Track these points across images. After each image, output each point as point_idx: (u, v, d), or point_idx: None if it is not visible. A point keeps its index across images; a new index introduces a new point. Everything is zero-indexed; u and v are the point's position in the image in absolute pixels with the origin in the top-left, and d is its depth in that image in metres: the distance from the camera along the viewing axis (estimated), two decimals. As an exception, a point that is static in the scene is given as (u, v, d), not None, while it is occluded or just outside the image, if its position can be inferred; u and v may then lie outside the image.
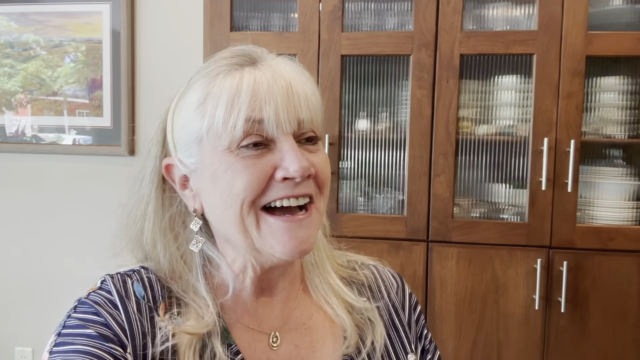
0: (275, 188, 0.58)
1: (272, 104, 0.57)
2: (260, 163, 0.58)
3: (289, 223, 0.59)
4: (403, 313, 0.75)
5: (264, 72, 0.59)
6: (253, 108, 0.57)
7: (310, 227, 0.60)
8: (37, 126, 2.21)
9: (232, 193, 0.58)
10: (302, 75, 0.62)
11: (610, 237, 1.59)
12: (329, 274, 0.71)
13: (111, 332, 0.57)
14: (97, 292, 0.61)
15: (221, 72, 0.60)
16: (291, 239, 0.59)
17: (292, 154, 0.57)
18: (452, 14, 1.62)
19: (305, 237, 0.60)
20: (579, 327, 1.62)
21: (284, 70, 0.60)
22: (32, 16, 2.17)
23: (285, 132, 0.58)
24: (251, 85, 0.58)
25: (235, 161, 0.58)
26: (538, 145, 1.60)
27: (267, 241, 0.59)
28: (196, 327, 0.60)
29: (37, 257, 2.26)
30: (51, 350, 0.56)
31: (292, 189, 0.58)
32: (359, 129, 1.77)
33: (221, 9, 1.72)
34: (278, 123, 0.58)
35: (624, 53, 1.58)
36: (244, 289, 0.66)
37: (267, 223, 0.59)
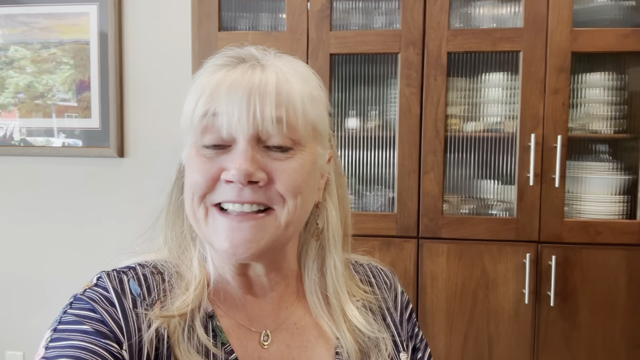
0: (221, 189, 0.58)
1: (226, 100, 0.57)
2: (212, 163, 0.58)
3: (229, 221, 0.58)
4: (395, 312, 0.75)
5: (235, 72, 0.58)
6: (210, 103, 0.57)
7: (255, 232, 0.58)
8: (26, 129, 2.19)
9: (187, 186, 0.61)
10: (302, 80, 0.60)
11: (598, 231, 1.61)
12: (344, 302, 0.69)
13: (107, 329, 0.57)
14: (93, 288, 0.61)
15: (204, 73, 0.61)
16: (226, 238, 0.58)
17: (237, 157, 0.56)
18: (439, 12, 1.63)
19: (242, 239, 0.57)
20: (568, 320, 1.64)
21: (280, 70, 0.59)
22: (18, 18, 2.15)
23: (244, 134, 0.56)
24: (215, 84, 0.58)
25: (195, 157, 0.60)
26: (525, 142, 1.61)
27: (210, 235, 0.60)
28: (180, 307, 0.60)
29: (27, 260, 2.25)
30: (47, 346, 0.56)
31: (237, 194, 0.57)
32: (349, 128, 1.78)
33: (209, 8, 1.72)
34: (231, 119, 0.56)
35: (609, 49, 1.60)
36: (229, 285, 0.66)
37: (213, 217, 0.60)
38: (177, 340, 0.59)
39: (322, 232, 0.69)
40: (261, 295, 0.67)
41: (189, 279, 0.63)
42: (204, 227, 0.60)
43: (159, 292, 0.63)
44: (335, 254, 0.68)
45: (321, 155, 0.64)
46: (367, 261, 0.80)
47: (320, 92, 0.64)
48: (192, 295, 0.61)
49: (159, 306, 0.61)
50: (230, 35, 1.73)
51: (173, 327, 0.60)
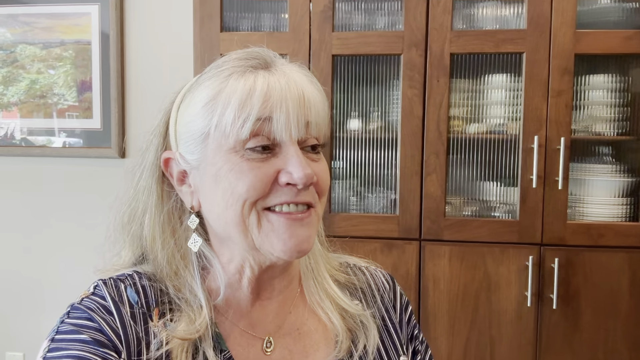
0: (277, 192, 0.59)
1: (283, 108, 0.58)
2: (265, 166, 0.58)
3: (291, 221, 0.59)
4: (395, 315, 0.75)
5: (278, 77, 0.59)
6: (264, 109, 0.57)
7: (310, 226, 0.61)
8: (27, 129, 2.19)
9: (234, 193, 0.58)
10: (313, 85, 0.62)
11: (601, 234, 1.61)
12: (324, 279, 0.71)
13: (105, 338, 0.57)
14: (91, 297, 0.60)
15: (235, 73, 0.60)
16: (292, 237, 0.59)
17: (297, 161, 0.58)
18: (442, 14, 1.62)
19: (305, 236, 0.60)
20: (570, 323, 1.63)
21: (297, 77, 0.61)
22: (20, 18, 2.15)
23: (292, 138, 0.59)
24: (265, 88, 0.58)
25: (240, 162, 0.58)
26: (528, 143, 1.61)
27: (268, 239, 0.59)
28: (188, 331, 0.59)
29: (27, 261, 2.24)
30: (45, 356, 0.56)
31: (294, 196, 0.59)
32: (351, 129, 1.77)
33: (211, 9, 1.71)
34: (287, 127, 0.58)
35: (612, 51, 1.59)
36: (240, 290, 0.65)
37: (269, 220, 0.59)
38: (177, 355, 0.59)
39: None
40: (267, 299, 0.67)
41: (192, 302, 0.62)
42: (257, 235, 0.59)
43: (157, 300, 0.62)
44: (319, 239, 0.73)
45: None
46: (366, 264, 0.80)
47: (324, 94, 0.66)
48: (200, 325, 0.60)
49: (157, 315, 0.61)
50: (232, 36, 1.72)
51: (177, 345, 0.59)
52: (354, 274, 0.76)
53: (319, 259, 0.72)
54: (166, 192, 0.65)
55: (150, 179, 0.65)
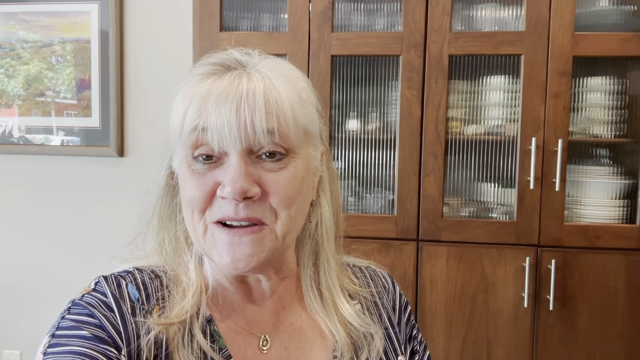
0: (218, 205, 0.57)
1: (216, 113, 0.55)
2: (206, 178, 0.57)
3: (230, 237, 0.57)
4: (394, 315, 0.75)
5: (222, 81, 0.56)
6: (199, 117, 0.55)
7: (255, 246, 0.57)
8: (25, 127, 2.19)
9: (184, 201, 0.60)
10: (280, 83, 0.58)
11: (598, 236, 1.61)
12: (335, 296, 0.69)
13: (106, 334, 0.57)
14: (91, 293, 0.60)
15: (189, 82, 0.59)
16: (228, 253, 0.57)
17: (231, 174, 0.55)
18: (441, 15, 1.63)
19: (244, 254, 0.57)
20: (567, 324, 1.64)
21: (267, 77, 0.57)
22: (19, 16, 2.15)
23: (236, 147, 0.55)
24: (202, 95, 0.56)
25: (186, 171, 0.58)
26: (526, 145, 1.61)
27: (210, 251, 0.59)
28: (178, 315, 0.60)
29: (25, 259, 2.24)
30: (45, 352, 0.55)
31: (234, 210, 0.56)
32: (349, 129, 1.78)
33: (211, 8, 1.72)
34: (222, 134, 0.54)
35: (610, 53, 1.60)
36: (229, 291, 0.66)
37: (213, 233, 0.58)
38: (177, 346, 0.59)
39: (316, 227, 0.68)
40: (260, 300, 0.67)
41: (186, 285, 0.63)
42: (203, 242, 0.60)
43: (157, 297, 0.62)
44: (328, 248, 0.69)
45: (314, 157, 0.63)
46: (365, 264, 0.80)
47: (308, 92, 0.62)
48: (190, 301, 0.61)
49: (157, 311, 0.61)
50: (231, 36, 1.72)
51: (172, 333, 0.59)
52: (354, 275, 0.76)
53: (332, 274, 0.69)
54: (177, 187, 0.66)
55: (163, 173, 0.67)
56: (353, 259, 0.79)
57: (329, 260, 0.69)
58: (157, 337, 0.59)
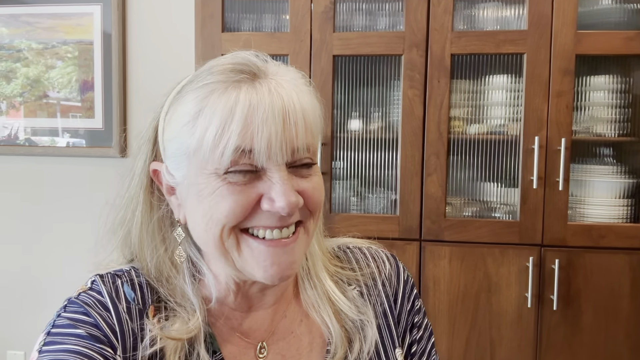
0: (259, 216, 0.56)
1: (265, 134, 0.53)
2: (247, 191, 0.55)
3: (272, 248, 0.57)
4: (395, 304, 0.72)
5: (262, 93, 0.55)
6: (244, 137, 0.53)
7: (295, 252, 0.58)
8: (31, 129, 2.20)
9: (213, 217, 0.56)
10: (303, 93, 0.58)
11: (601, 235, 1.60)
12: (324, 281, 0.69)
13: (101, 333, 0.57)
14: (88, 292, 0.60)
15: (217, 89, 0.55)
16: (273, 264, 0.57)
17: (280, 189, 0.54)
18: (442, 14, 1.62)
19: (288, 262, 0.58)
20: (571, 324, 1.63)
21: (285, 88, 0.56)
22: (22, 18, 2.16)
23: (278, 162, 0.55)
24: (245, 110, 0.53)
25: (221, 185, 0.55)
26: (529, 144, 1.60)
27: (248, 263, 0.58)
28: (181, 331, 0.59)
29: (29, 260, 2.25)
30: (40, 350, 0.56)
31: (277, 220, 0.56)
32: (352, 129, 1.78)
33: (212, 9, 1.72)
34: (270, 155, 0.54)
35: (613, 52, 1.59)
36: (230, 301, 0.65)
37: (249, 245, 0.57)
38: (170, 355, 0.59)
39: None
40: (260, 310, 0.66)
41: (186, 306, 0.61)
42: (237, 258, 0.58)
43: (152, 297, 0.62)
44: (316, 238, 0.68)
45: None
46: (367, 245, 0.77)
47: (316, 98, 0.62)
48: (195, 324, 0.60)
49: (153, 312, 0.61)
50: (233, 37, 1.73)
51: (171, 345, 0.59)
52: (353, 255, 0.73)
53: (317, 261, 0.69)
54: (157, 199, 0.64)
55: (138, 188, 0.64)
56: (353, 240, 0.77)
57: (314, 246, 0.69)
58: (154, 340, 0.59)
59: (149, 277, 0.63)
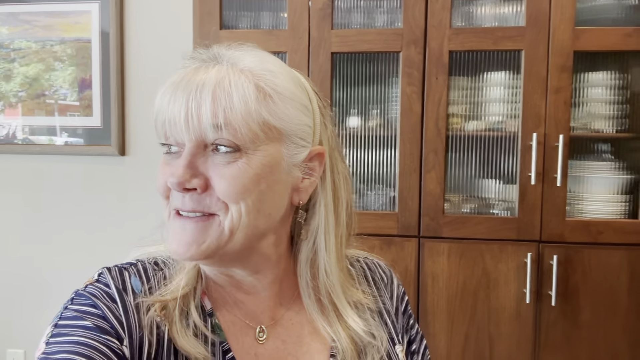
0: (172, 196, 0.60)
1: (173, 103, 0.57)
2: (166, 168, 0.59)
3: (178, 222, 0.59)
4: (391, 304, 0.75)
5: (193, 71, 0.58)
6: (160, 109, 0.58)
7: (197, 234, 0.57)
8: (29, 128, 2.19)
9: None
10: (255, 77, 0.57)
11: (600, 231, 1.61)
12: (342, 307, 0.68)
13: (108, 325, 0.57)
14: (95, 284, 0.61)
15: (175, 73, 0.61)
16: (174, 239, 0.59)
17: (176, 164, 0.57)
18: (440, 11, 1.62)
19: (187, 241, 0.57)
20: (569, 320, 1.63)
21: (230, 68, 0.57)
22: (20, 16, 2.16)
23: (187, 139, 0.56)
24: (166, 85, 0.59)
25: (160, 162, 0.61)
26: (527, 141, 1.61)
27: (168, 237, 0.61)
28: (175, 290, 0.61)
29: (28, 258, 2.25)
30: (47, 341, 0.56)
31: (181, 201, 0.58)
32: (350, 126, 1.78)
33: (211, 7, 1.72)
34: (174, 127, 0.56)
35: (611, 48, 1.59)
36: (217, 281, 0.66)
37: (170, 219, 0.61)
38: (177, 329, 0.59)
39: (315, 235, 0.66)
40: (254, 293, 0.67)
41: (182, 265, 0.65)
42: (167, 228, 0.62)
43: (160, 288, 0.63)
44: (327, 257, 0.66)
45: (290, 155, 0.60)
46: (364, 255, 0.79)
47: (288, 87, 0.59)
48: (185, 278, 0.62)
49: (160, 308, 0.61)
50: (231, 34, 1.73)
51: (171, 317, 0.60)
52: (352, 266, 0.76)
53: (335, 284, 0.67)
54: None
55: None
56: (351, 250, 0.78)
57: (328, 270, 0.66)
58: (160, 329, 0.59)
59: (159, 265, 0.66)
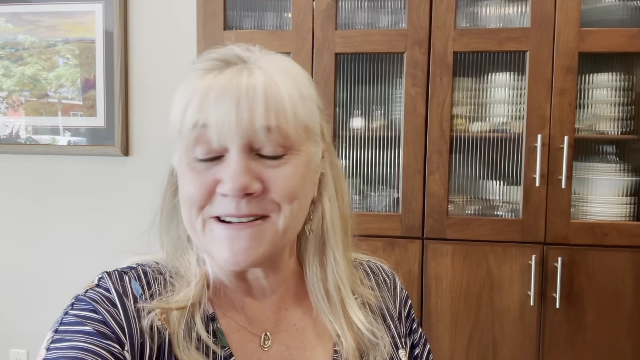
0: (218, 202, 0.57)
1: (219, 107, 0.54)
2: (206, 175, 0.56)
3: (229, 231, 0.57)
4: (394, 308, 0.75)
5: (230, 73, 0.56)
6: (200, 113, 0.55)
7: (254, 240, 0.57)
8: (32, 128, 2.20)
9: (184, 198, 0.59)
10: (290, 79, 0.57)
11: (604, 233, 1.60)
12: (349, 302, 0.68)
13: (109, 330, 0.57)
14: (95, 289, 0.60)
15: (191, 76, 0.58)
16: (227, 248, 0.57)
17: (231, 170, 0.55)
18: (445, 12, 1.62)
19: (243, 248, 0.57)
20: (574, 322, 1.62)
21: (267, 72, 0.57)
22: (24, 16, 2.16)
23: (235, 143, 0.55)
24: (203, 90, 0.55)
25: (186, 170, 0.58)
26: (532, 142, 1.60)
27: (209, 246, 0.59)
28: (179, 302, 0.60)
29: (31, 258, 2.25)
30: (48, 347, 0.56)
31: (235, 207, 0.56)
32: (354, 127, 1.77)
33: (214, 7, 1.72)
34: (221, 129, 0.54)
35: (617, 49, 1.59)
36: (229, 286, 0.66)
37: (211, 228, 0.58)
38: (177, 339, 0.59)
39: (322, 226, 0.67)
40: (261, 298, 0.67)
41: (188, 277, 0.63)
42: (202, 238, 0.59)
43: (160, 292, 0.62)
44: (336, 247, 0.67)
45: (314, 153, 0.62)
46: (367, 258, 0.79)
47: (309, 88, 0.61)
48: (193, 290, 0.61)
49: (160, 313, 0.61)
50: (235, 35, 1.72)
51: (173, 325, 0.59)
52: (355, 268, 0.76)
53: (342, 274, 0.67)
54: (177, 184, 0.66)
55: (165, 172, 0.67)
56: (355, 253, 0.79)
57: (337, 260, 0.67)
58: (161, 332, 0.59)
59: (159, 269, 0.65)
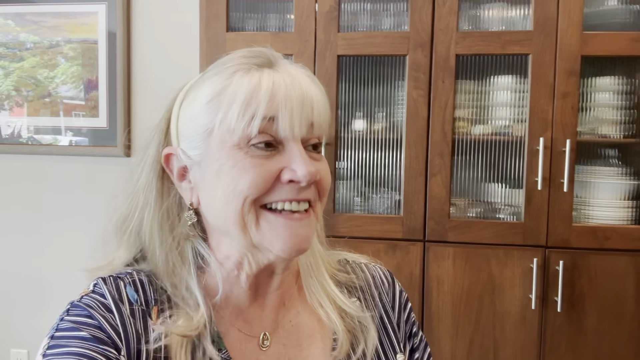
0: (279, 190, 0.59)
1: (288, 107, 0.58)
2: (269, 163, 0.58)
3: (290, 221, 0.59)
4: (393, 312, 0.75)
5: (282, 75, 0.60)
6: (270, 107, 0.58)
7: (309, 227, 0.61)
8: (34, 128, 2.20)
9: (235, 189, 0.58)
10: (316, 86, 0.63)
11: (606, 237, 1.60)
12: (324, 278, 0.71)
13: (105, 335, 0.57)
14: (90, 295, 0.61)
15: (240, 70, 0.60)
16: (292, 236, 0.59)
17: (301, 159, 0.58)
18: (447, 15, 1.62)
19: (304, 235, 0.60)
20: (575, 326, 1.62)
21: (300, 78, 0.61)
22: (27, 17, 2.16)
23: (296, 137, 0.59)
24: (270, 86, 0.58)
25: (243, 158, 0.58)
26: (534, 145, 1.60)
27: (267, 237, 0.60)
28: (186, 328, 0.59)
29: (32, 258, 2.25)
30: (44, 353, 0.56)
31: (296, 193, 0.59)
32: (356, 129, 1.77)
33: (217, 9, 1.72)
34: (291, 126, 0.58)
35: (619, 53, 1.58)
36: (238, 287, 0.65)
37: (268, 220, 0.59)
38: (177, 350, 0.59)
39: None
40: (265, 296, 0.67)
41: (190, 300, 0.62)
42: (255, 233, 0.60)
43: (156, 298, 0.62)
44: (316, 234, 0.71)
45: None
46: (365, 261, 0.80)
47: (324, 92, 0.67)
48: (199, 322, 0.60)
49: (156, 313, 0.61)
50: (238, 36, 1.73)
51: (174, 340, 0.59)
52: (353, 271, 0.76)
53: (318, 259, 0.72)
54: (166, 188, 0.65)
55: (151, 174, 0.65)
56: (352, 255, 0.80)
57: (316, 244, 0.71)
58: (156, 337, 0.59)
59: (152, 275, 0.64)
